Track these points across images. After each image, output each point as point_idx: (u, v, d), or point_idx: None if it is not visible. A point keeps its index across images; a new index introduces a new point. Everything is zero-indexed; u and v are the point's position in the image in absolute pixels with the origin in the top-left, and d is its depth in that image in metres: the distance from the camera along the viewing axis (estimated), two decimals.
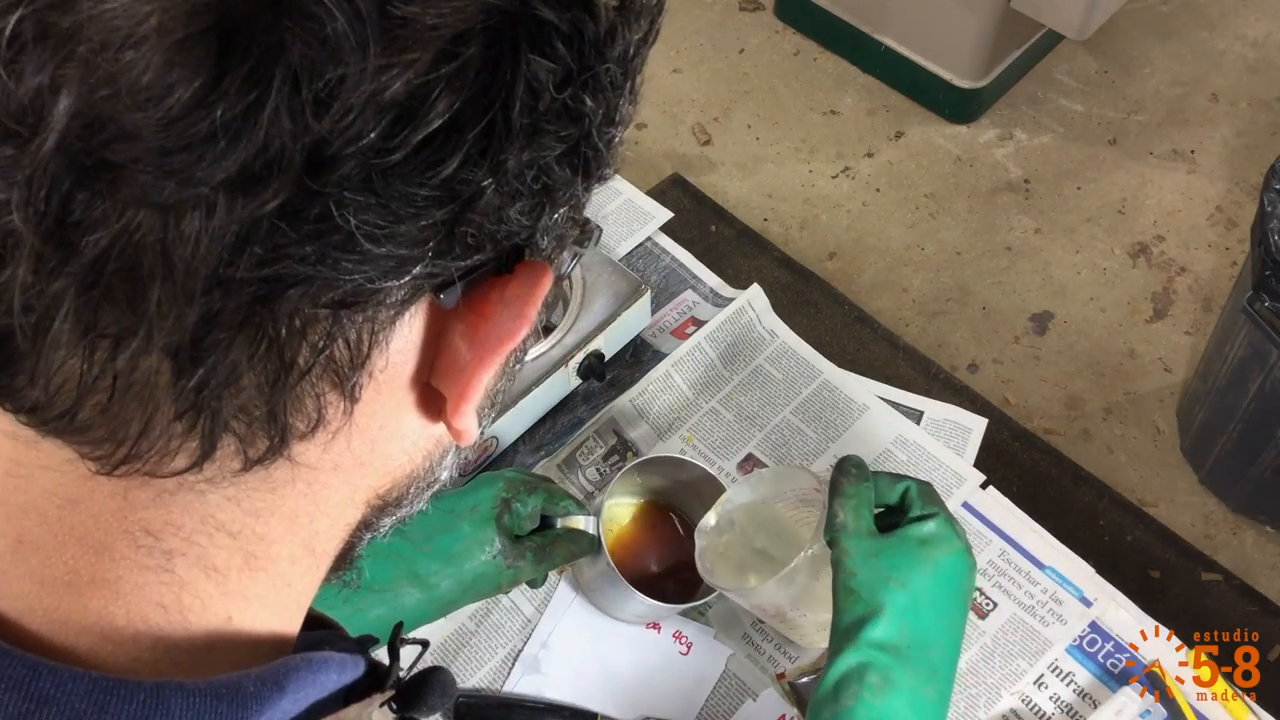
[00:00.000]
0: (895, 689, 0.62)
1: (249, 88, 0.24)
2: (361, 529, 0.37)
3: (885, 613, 0.63)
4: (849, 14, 2.25)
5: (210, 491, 0.30)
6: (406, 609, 0.71)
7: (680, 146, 2.21)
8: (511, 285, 0.32)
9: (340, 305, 0.28)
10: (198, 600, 0.32)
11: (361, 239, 0.26)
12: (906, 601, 0.64)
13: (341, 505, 0.34)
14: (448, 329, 0.32)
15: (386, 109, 0.25)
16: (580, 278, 0.98)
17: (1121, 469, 1.77)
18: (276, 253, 0.26)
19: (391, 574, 0.71)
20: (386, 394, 0.32)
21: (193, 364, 0.27)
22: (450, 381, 0.33)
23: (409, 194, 0.26)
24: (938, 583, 0.65)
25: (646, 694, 0.84)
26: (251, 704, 0.30)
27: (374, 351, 0.30)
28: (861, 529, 0.67)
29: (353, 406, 0.31)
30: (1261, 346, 1.41)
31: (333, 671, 0.33)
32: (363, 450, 0.33)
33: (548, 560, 0.77)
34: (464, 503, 0.75)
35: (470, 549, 0.73)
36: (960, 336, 1.93)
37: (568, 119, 0.29)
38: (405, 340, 0.31)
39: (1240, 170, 2.12)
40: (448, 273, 0.29)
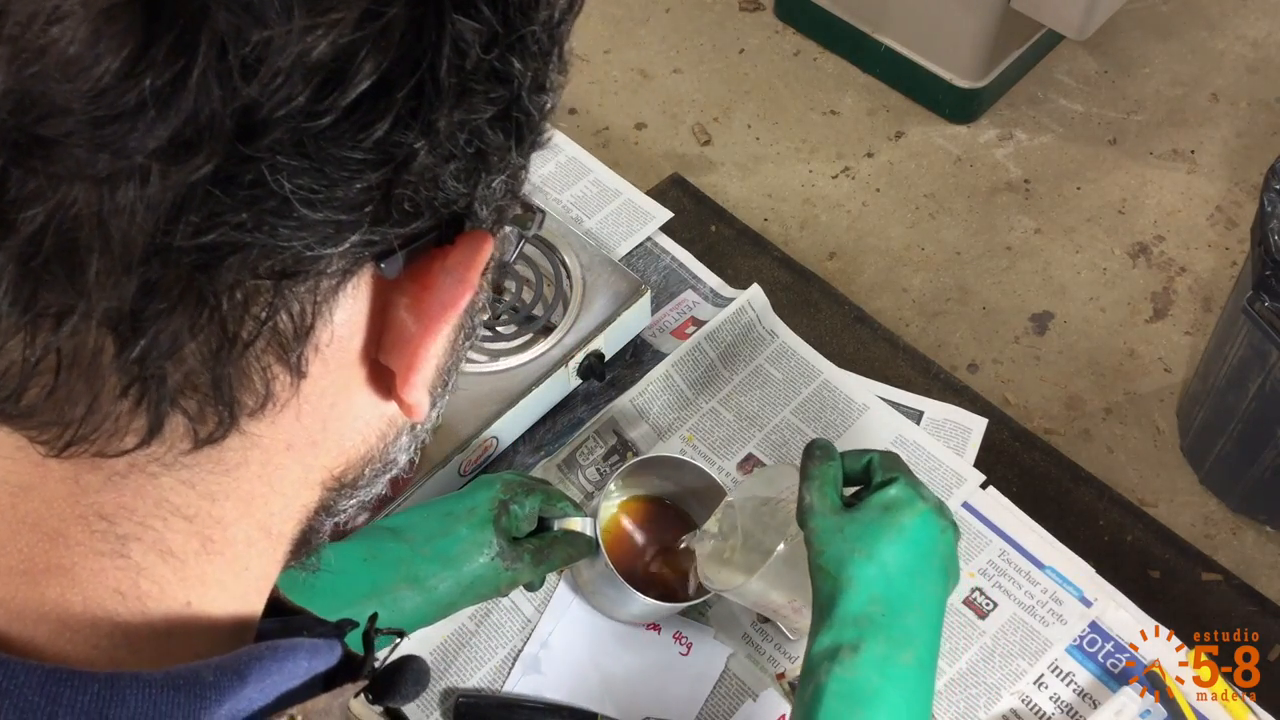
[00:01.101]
0: (866, 660, 0.61)
1: (176, 55, 0.24)
2: (321, 513, 0.37)
3: (854, 585, 0.63)
4: (849, 14, 2.25)
5: (163, 474, 0.30)
6: (405, 611, 0.71)
7: (680, 146, 2.21)
8: (453, 254, 0.32)
9: (281, 275, 0.28)
10: (155, 586, 0.31)
11: (297, 204, 0.26)
12: (875, 571, 0.64)
13: (296, 486, 0.34)
14: (392, 302, 0.32)
15: (314, 71, 0.25)
16: (580, 278, 0.98)
17: (1121, 469, 1.77)
18: (212, 220, 0.26)
19: (390, 577, 0.71)
20: (335, 369, 0.32)
21: (134, 335, 0.27)
22: (397, 355, 0.33)
23: (342, 157, 0.27)
24: (906, 547, 0.65)
25: (646, 694, 0.84)
26: (210, 694, 0.30)
27: (318, 323, 0.30)
28: (826, 507, 0.67)
29: (300, 382, 0.31)
30: (1261, 346, 1.41)
31: (301, 658, 0.33)
32: (314, 429, 0.33)
33: (546, 562, 0.77)
34: (462, 505, 0.75)
35: (468, 551, 0.73)
36: (960, 336, 1.93)
37: (496, 81, 0.29)
38: (349, 313, 0.31)
39: (1240, 170, 2.12)
40: (387, 241, 0.29)
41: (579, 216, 1.12)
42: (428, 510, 0.76)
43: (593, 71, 2.34)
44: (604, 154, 1.40)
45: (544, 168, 1.16)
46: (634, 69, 2.35)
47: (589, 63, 2.36)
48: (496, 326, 0.97)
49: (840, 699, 0.61)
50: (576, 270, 0.99)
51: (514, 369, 0.94)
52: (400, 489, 0.87)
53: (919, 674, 0.63)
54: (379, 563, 0.71)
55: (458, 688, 0.84)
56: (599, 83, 2.32)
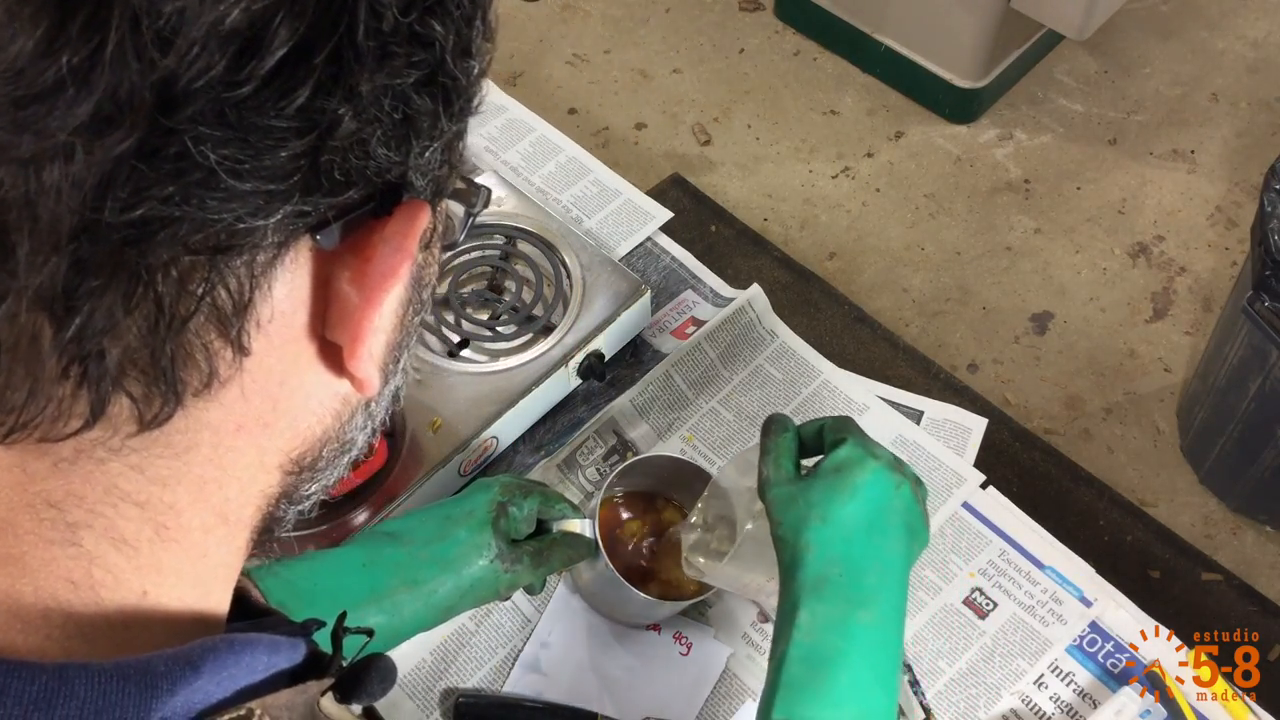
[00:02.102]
0: (825, 622, 0.61)
1: (90, 31, 0.24)
2: (282, 500, 0.36)
3: (811, 549, 0.63)
4: (849, 14, 2.25)
5: (111, 459, 0.30)
6: (405, 616, 0.71)
7: (680, 146, 2.21)
8: (390, 224, 0.32)
9: (216, 250, 0.28)
10: (109, 575, 0.31)
11: (224, 175, 0.26)
12: (829, 533, 0.63)
13: (251, 469, 0.34)
14: (334, 275, 0.32)
15: (229, 40, 0.25)
16: (580, 278, 0.98)
17: (1121, 469, 1.77)
18: (139, 195, 0.26)
19: (389, 581, 0.70)
20: (280, 346, 0.32)
21: (68, 314, 0.27)
22: (343, 328, 0.33)
23: (265, 125, 0.27)
24: (859, 505, 0.64)
25: (646, 694, 0.84)
26: (162, 684, 0.29)
27: (257, 297, 0.30)
28: (781, 478, 0.67)
29: (244, 359, 0.31)
30: (1261, 346, 1.41)
31: (261, 653, 0.33)
32: (265, 409, 0.33)
33: (545, 564, 0.77)
34: (460, 509, 0.75)
35: (467, 554, 0.73)
36: (960, 336, 1.93)
37: (417, 44, 0.29)
38: (290, 287, 0.31)
39: (1240, 170, 2.12)
40: (321, 212, 0.29)
41: (579, 216, 1.12)
42: (426, 514, 0.76)
43: (593, 71, 2.34)
44: (604, 154, 1.40)
45: (544, 167, 1.16)
46: (634, 69, 2.35)
47: (589, 63, 2.36)
48: (497, 326, 0.97)
49: (800, 663, 0.60)
50: (576, 270, 0.99)
51: (514, 369, 0.94)
52: (400, 489, 0.87)
53: (880, 632, 0.62)
54: (377, 567, 0.71)
55: (458, 688, 0.84)
56: (599, 83, 2.32)
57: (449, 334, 0.96)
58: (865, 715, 0.59)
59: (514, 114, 1.21)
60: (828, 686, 0.59)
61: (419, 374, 0.93)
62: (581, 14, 2.45)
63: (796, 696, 0.59)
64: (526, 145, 1.18)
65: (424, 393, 0.92)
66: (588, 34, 2.41)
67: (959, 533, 0.91)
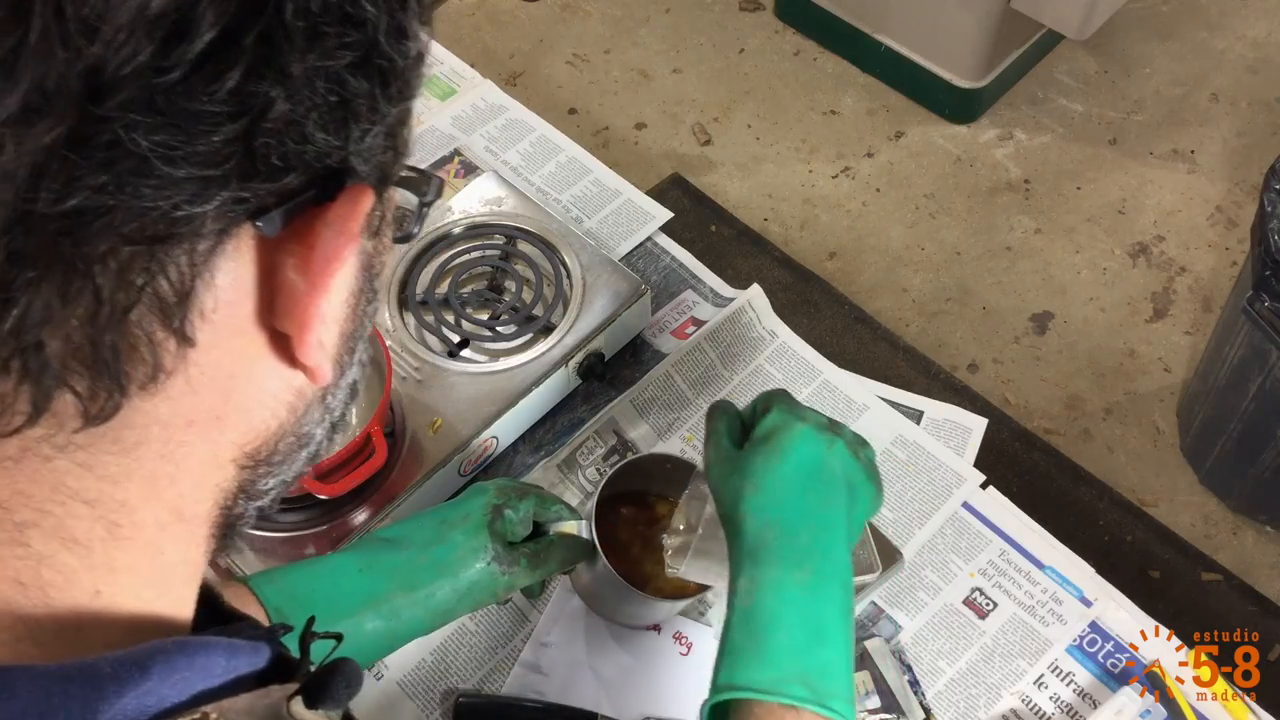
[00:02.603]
0: (761, 586, 0.61)
1: (14, 22, 0.24)
2: (240, 496, 0.36)
3: (747, 518, 0.63)
4: (849, 14, 2.25)
5: (57, 457, 0.30)
6: (403, 620, 0.71)
7: (680, 146, 2.21)
8: (333, 208, 0.31)
9: (154, 239, 0.28)
10: (60, 575, 0.31)
11: (157, 162, 0.26)
12: (761, 499, 0.63)
13: (205, 464, 0.34)
14: (279, 263, 0.32)
15: (156, 25, 0.25)
16: (580, 278, 0.98)
17: (1121, 469, 1.77)
18: (72, 184, 0.26)
19: (387, 586, 0.70)
20: (228, 338, 0.32)
21: (5, 307, 0.27)
22: (290, 317, 0.32)
23: (197, 110, 0.26)
24: (789, 466, 0.64)
25: (646, 694, 0.84)
26: (108, 686, 0.29)
27: (198, 286, 0.29)
28: (719, 456, 0.67)
29: (189, 350, 0.30)
30: (1261, 346, 1.41)
31: (218, 656, 0.32)
32: (215, 403, 0.32)
33: (542, 566, 0.76)
34: (456, 513, 0.75)
35: (465, 557, 0.73)
36: (960, 336, 1.93)
37: (349, 24, 0.29)
38: (233, 276, 0.30)
39: (1240, 170, 2.12)
40: (261, 198, 0.29)
41: (579, 216, 1.12)
42: (422, 519, 0.76)
43: (593, 71, 2.34)
44: (604, 154, 1.40)
45: (544, 167, 1.16)
46: (634, 69, 2.35)
47: (589, 63, 2.36)
48: (497, 326, 0.97)
49: (740, 629, 0.60)
50: (576, 270, 0.99)
51: (514, 369, 0.94)
52: (399, 489, 0.87)
53: (817, 591, 0.61)
54: (374, 572, 0.71)
55: (458, 688, 0.84)
56: (599, 83, 2.32)
57: (449, 334, 0.96)
58: (807, 673, 0.58)
59: (514, 114, 1.21)
60: (767, 649, 0.59)
61: (419, 374, 0.93)
62: (581, 14, 2.45)
63: (738, 662, 0.59)
64: (526, 145, 1.18)
65: (424, 393, 0.92)
66: (588, 34, 2.41)
67: (959, 533, 0.91)
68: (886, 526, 0.91)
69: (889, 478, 0.94)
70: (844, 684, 0.59)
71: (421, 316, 0.97)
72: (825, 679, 0.58)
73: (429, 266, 1.00)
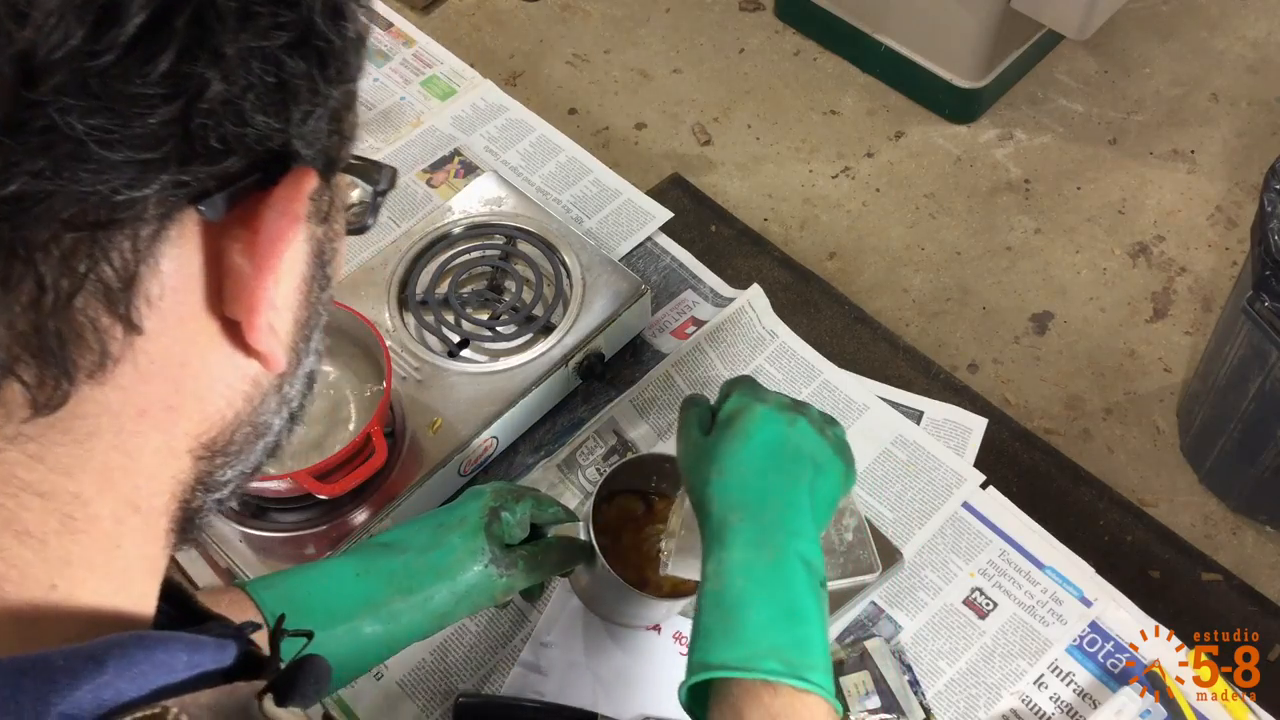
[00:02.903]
0: (729, 568, 0.61)
1: None
2: (198, 488, 0.36)
3: (714, 502, 0.64)
4: (849, 14, 2.25)
5: (7, 449, 0.30)
6: (402, 624, 0.71)
7: (680, 146, 2.21)
8: (277, 191, 0.32)
9: (95, 225, 0.28)
10: (13, 569, 0.30)
11: (94, 145, 0.26)
12: (725, 482, 0.64)
13: (160, 455, 0.33)
14: (225, 249, 0.32)
15: (86, 8, 0.25)
16: (580, 278, 0.98)
17: (1121, 469, 1.77)
18: (9, 170, 0.26)
19: (384, 590, 0.70)
20: (177, 325, 0.31)
21: None
22: (239, 302, 0.32)
23: (131, 93, 0.26)
24: (751, 448, 0.65)
25: (646, 694, 0.84)
26: (61, 679, 0.29)
27: (143, 271, 0.29)
28: (687, 447, 0.68)
29: (137, 338, 0.30)
30: (1261, 346, 1.41)
31: (179, 651, 0.32)
32: (167, 392, 0.32)
33: (540, 568, 0.76)
34: (453, 516, 0.75)
35: (462, 560, 0.73)
36: (960, 336, 1.93)
37: (282, 4, 0.29)
38: (178, 261, 0.30)
39: (1240, 170, 2.12)
40: (202, 182, 0.29)
41: (579, 216, 1.12)
42: (418, 524, 0.76)
43: (593, 71, 2.34)
44: (604, 154, 1.40)
45: (544, 167, 1.16)
46: (634, 69, 2.35)
47: (589, 63, 2.36)
48: (497, 326, 0.97)
49: (711, 612, 0.61)
50: (576, 270, 0.99)
51: (514, 369, 0.94)
52: (400, 489, 0.87)
53: (784, 568, 0.61)
54: (372, 576, 0.71)
55: (458, 688, 0.84)
56: (599, 83, 2.32)
57: (449, 334, 0.96)
58: (780, 648, 0.58)
59: (514, 114, 1.21)
60: (737, 628, 0.59)
61: (419, 374, 0.93)
62: (581, 14, 2.45)
63: (710, 644, 0.60)
64: (526, 145, 1.18)
65: (424, 393, 0.92)
66: (588, 34, 2.41)
67: (959, 533, 0.91)
68: (886, 526, 0.91)
69: (889, 478, 0.94)
70: (820, 656, 0.60)
71: (421, 316, 0.97)
72: (799, 653, 0.59)
73: (429, 266, 1.00)
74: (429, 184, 1.14)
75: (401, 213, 1.12)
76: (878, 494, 0.93)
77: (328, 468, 0.81)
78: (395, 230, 1.10)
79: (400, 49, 1.27)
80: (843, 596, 0.87)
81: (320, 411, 0.88)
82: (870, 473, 0.94)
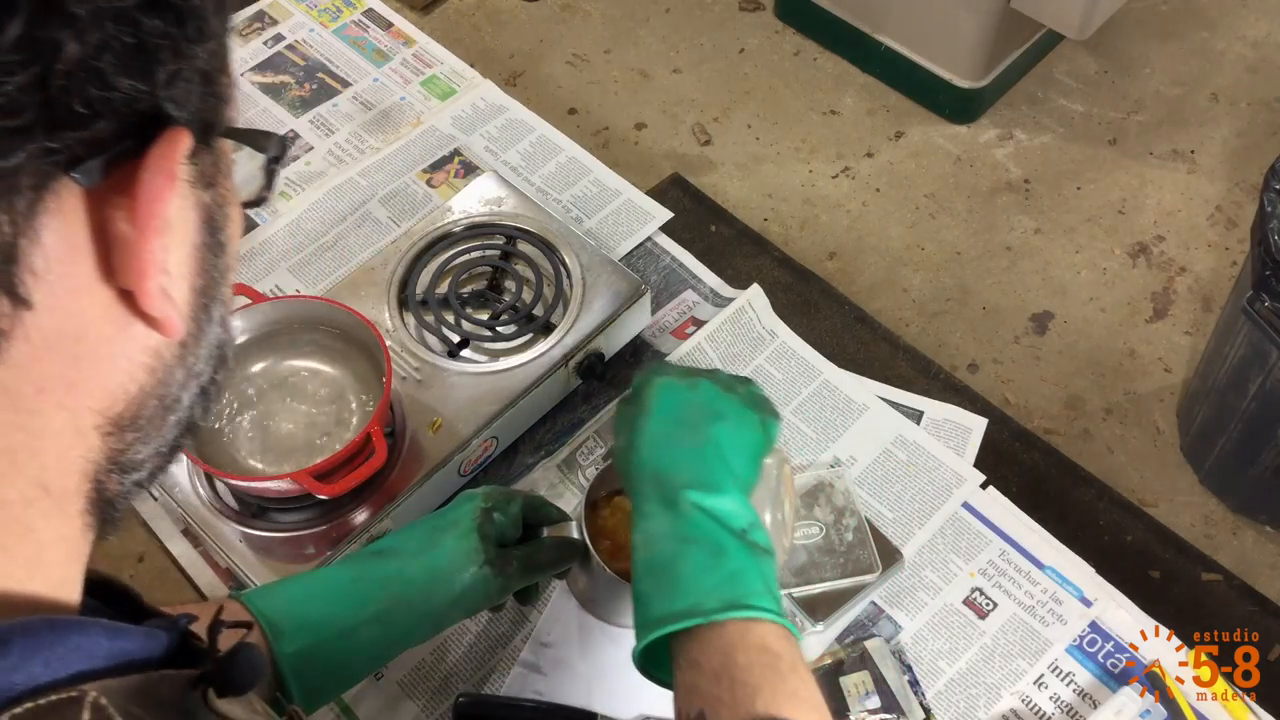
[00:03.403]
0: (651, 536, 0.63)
1: None
2: (112, 469, 0.35)
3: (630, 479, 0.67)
4: (849, 14, 2.25)
5: None
6: (398, 629, 0.71)
7: (680, 146, 2.21)
8: (150, 152, 0.31)
9: None
10: None
11: None
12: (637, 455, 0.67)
13: (65, 434, 0.33)
14: (109, 218, 0.31)
15: None
16: (580, 278, 0.98)
17: (1121, 469, 1.77)
18: None
19: (380, 595, 0.70)
20: (68, 299, 0.31)
21: None
22: (129, 269, 0.32)
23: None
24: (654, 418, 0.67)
25: (646, 694, 0.84)
26: None
27: (22, 243, 0.29)
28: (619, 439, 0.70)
29: (26, 314, 0.30)
30: (1261, 346, 1.41)
31: (98, 637, 0.32)
32: (65, 368, 0.32)
33: (535, 568, 0.76)
34: (445, 520, 0.75)
35: (457, 561, 0.73)
36: (960, 336, 1.93)
37: None
38: (60, 233, 0.30)
39: (1240, 170, 2.12)
40: (74, 149, 0.29)
41: (579, 216, 1.12)
42: (412, 529, 0.76)
43: (593, 71, 2.34)
44: (604, 154, 1.40)
45: (544, 167, 1.16)
46: (634, 69, 2.35)
47: (589, 63, 2.36)
48: (497, 326, 0.97)
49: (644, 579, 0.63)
50: (576, 270, 0.99)
51: (514, 369, 0.94)
52: (400, 489, 0.87)
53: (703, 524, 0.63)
54: (366, 583, 0.71)
55: (458, 688, 0.84)
56: (599, 83, 2.32)
57: (449, 334, 0.96)
58: (712, 591, 0.59)
59: (514, 114, 1.21)
60: (669, 584, 0.61)
61: (419, 374, 0.93)
62: (581, 14, 2.45)
63: (649, 606, 0.61)
64: (526, 145, 1.18)
65: (424, 393, 0.92)
66: (588, 34, 2.41)
67: (959, 533, 0.91)
68: (886, 526, 0.91)
69: (889, 478, 0.94)
70: (755, 584, 0.60)
71: (421, 316, 0.97)
72: (732, 587, 0.60)
73: (429, 266, 1.00)
74: (429, 184, 1.14)
75: (401, 213, 1.12)
76: (878, 494, 0.93)
77: (328, 468, 0.81)
78: (395, 230, 1.10)
79: (400, 49, 1.27)
80: (843, 596, 0.87)
81: (320, 411, 0.88)
82: (870, 473, 0.94)
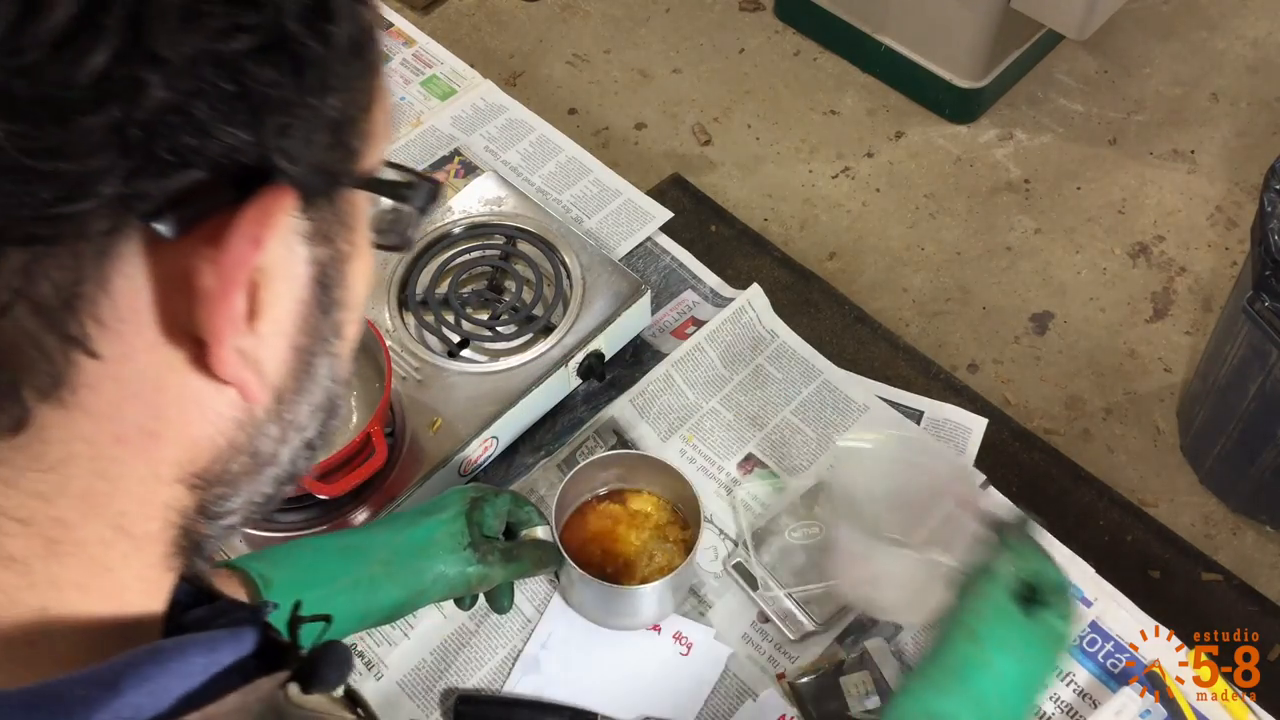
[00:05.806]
0: None
1: None
2: (199, 516, 0.34)
3: (986, 675, 0.66)
4: (849, 14, 2.25)
5: None
6: (378, 596, 0.73)
7: (680, 146, 2.21)
8: (244, 210, 0.28)
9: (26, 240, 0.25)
10: (2, 595, 0.30)
11: (17, 153, 0.24)
12: (1003, 687, 0.66)
13: (145, 482, 0.31)
14: (193, 269, 0.28)
15: (6, 1, 0.23)
16: (580, 278, 0.98)
17: (1121, 469, 1.77)
18: None
19: (366, 562, 0.74)
20: (145, 349, 0.29)
21: None
22: (205, 327, 0.29)
23: (58, 97, 0.24)
24: (1053, 661, 0.69)
25: (647, 694, 0.84)
26: (77, 710, 0.28)
27: (88, 290, 0.27)
28: (994, 609, 0.69)
29: (101, 363, 0.28)
30: (1261, 346, 1.41)
31: (196, 656, 0.31)
32: (145, 418, 0.30)
33: (515, 562, 0.79)
34: (436, 504, 0.79)
35: (442, 540, 0.76)
36: (960, 336, 1.93)
37: (244, 5, 0.26)
38: (134, 282, 0.28)
39: (1240, 170, 2.12)
40: (155, 196, 0.26)
41: (579, 216, 1.12)
42: (401, 513, 0.80)
43: (593, 71, 2.34)
44: (604, 154, 1.40)
45: (544, 167, 1.16)
46: (634, 69, 2.35)
47: (589, 63, 2.36)
48: (497, 326, 0.97)
49: None
50: (576, 270, 0.99)
51: (514, 369, 0.94)
52: (400, 489, 0.87)
53: None
54: (354, 551, 0.74)
55: (458, 688, 0.84)
56: (599, 83, 2.32)
57: (449, 334, 0.96)
58: None
59: (514, 114, 1.21)
60: None
61: (419, 374, 0.93)
62: (581, 14, 2.45)
63: None
64: (526, 145, 1.18)
65: (424, 393, 0.92)
66: (588, 34, 2.41)
67: None
68: None
69: None
70: None
71: (421, 316, 0.97)
72: None
73: (429, 266, 1.00)
74: None
75: None
76: None
77: (328, 468, 0.82)
78: None
79: (400, 49, 1.27)
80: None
81: None
82: None
